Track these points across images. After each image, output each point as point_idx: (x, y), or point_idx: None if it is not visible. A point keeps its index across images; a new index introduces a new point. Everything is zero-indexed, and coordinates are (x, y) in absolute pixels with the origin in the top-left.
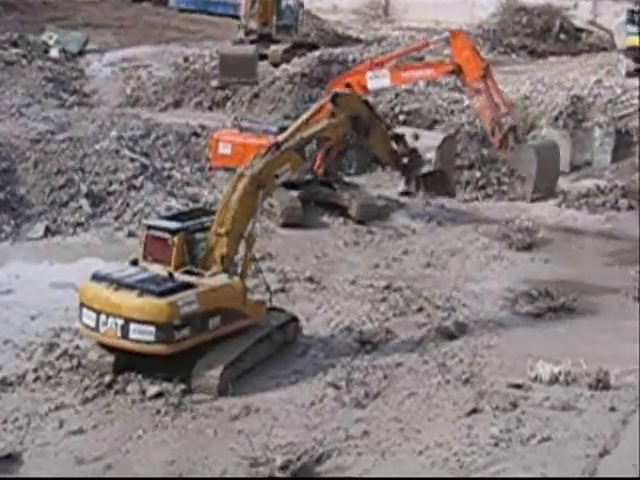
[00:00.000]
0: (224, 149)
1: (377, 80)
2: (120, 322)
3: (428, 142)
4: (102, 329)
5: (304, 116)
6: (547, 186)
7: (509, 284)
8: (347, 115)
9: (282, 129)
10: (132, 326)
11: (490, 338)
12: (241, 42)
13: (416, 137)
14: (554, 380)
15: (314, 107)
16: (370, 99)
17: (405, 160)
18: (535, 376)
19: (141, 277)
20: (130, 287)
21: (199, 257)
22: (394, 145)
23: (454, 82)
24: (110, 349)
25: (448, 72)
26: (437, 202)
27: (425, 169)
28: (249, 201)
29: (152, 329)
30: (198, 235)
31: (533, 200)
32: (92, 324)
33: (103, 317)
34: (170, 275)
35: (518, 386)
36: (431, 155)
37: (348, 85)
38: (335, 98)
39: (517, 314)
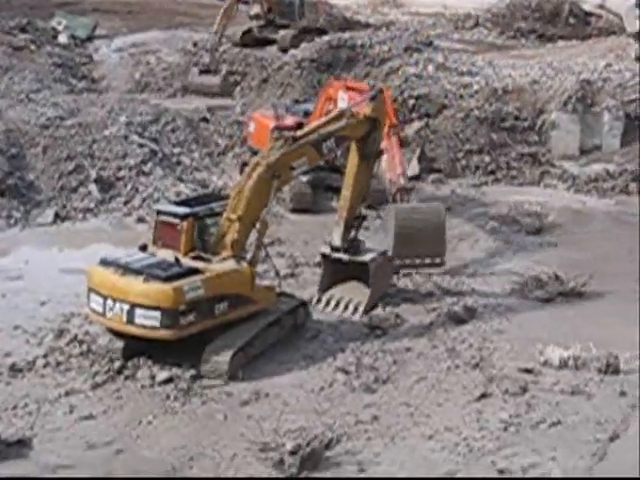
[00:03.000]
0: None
1: (342, 102)
2: (126, 307)
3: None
4: (109, 314)
5: (331, 114)
6: (415, 252)
7: (518, 269)
8: (368, 116)
9: (307, 114)
10: (138, 311)
11: (499, 323)
12: (249, 31)
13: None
14: (564, 364)
15: (336, 111)
16: (379, 84)
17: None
18: (545, 361)
19: (148, 262)
20: (136, 272)
21: (208, 242)
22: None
23: (463, 66)
24: (118, 334)
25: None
26: (447, 186)
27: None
28: (263, 189)
29: (157, 314)
30: (207, 220)
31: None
32: (99, 309)
33: (110, 302)
34: (177, 260)
35: (528, 371)
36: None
37: (330, 97)
38: (379, 93)
39: (526, 298)
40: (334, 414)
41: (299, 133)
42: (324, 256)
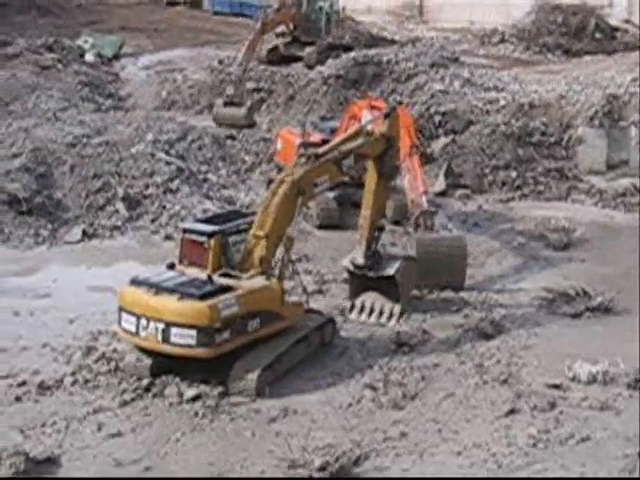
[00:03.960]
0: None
1: (365, 119)
2: (161, 326)
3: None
4: (142, 333)
5: (348, 132)
6: (435, 281)
7: (546, 284)
8: (384, 133)
9: (334, 131)
10: (173, 330)
11: (527, 338)
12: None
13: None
14: (592, 380)
15: (356, 127)
16: (405, 100)
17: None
18: (573, 376)
19: (180, 280)
20: (170, 291)
21: (234, 260)
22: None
23: (490, 82)
24: (148, 353)
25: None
26: (473, 202)
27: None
28: (289, 206)
29: (193, 333)
30: (234, 238)
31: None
32: (132, 329)
33: (143, 321)
34: (209, 278)
35: (556, 386)
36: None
37: (354, 116)
38: (391, 112)
39: (554, 314)
40: (362, 431)
41: (321, 150)
42: (349, 272)
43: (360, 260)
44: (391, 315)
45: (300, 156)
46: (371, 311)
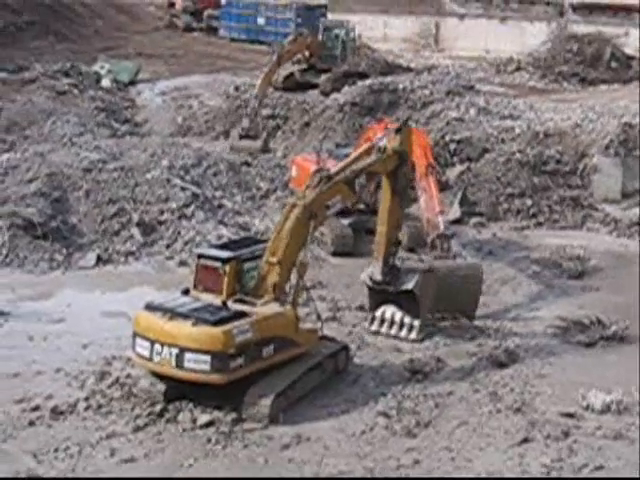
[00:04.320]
0: None
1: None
2: (175, 351)
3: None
4: (156, 358)
5: (358, 151)
6: (448, 308)
7: (560, 312)
8: (396, 150)
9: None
10: (187, 355)
11: (541, 367)
12: (291, 76)
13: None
14: (606, 409)
15: (365, 146)
16: (420, 127)
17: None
18: (587, 405)
19: (195, 306)
20: (184, 316)
21: (248, 285)
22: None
23: (505, 110)
24: (162, 378)
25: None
26: (488, 230)
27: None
28: (301, 231)
29: (207, 358)
30: (248, 264)
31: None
32: (146, 354)
33: (157, 346)
34: (224, 304)
35: (570, 415)
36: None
37: (369, 139)
38: (402, 127)
39: (569, 343)
40: (375, 458)
41: (332, 172)
42: (368, 286)
43: (378, 276)
44: (411, 328)
45: (312, 179)
46: (391, 323)
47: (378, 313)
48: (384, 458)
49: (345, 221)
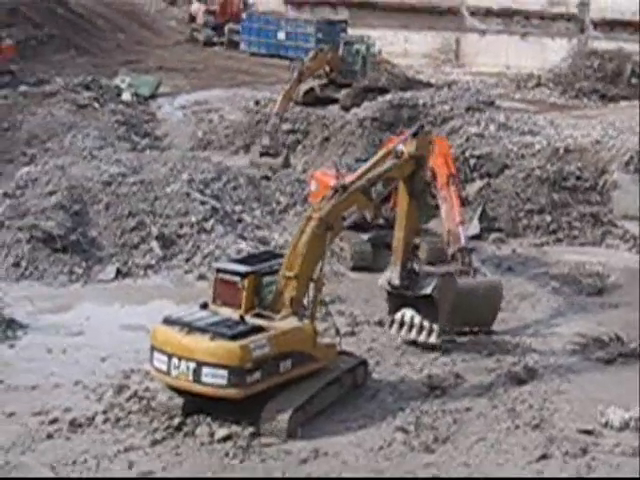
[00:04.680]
0: None
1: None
2: (192, 365)
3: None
4: (174, 372)
5: (373, 159)
6: (466, 321)
7: (579, 329)
8: (413, 154)
9: None
10: (204, 369)
11: (560, 383)
12: (311, 90)
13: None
14: (625, 426)
15: (381, 152)
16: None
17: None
18: (605, 422)
19: (212, 320)
20: (202, 330)
21: (267, 300)
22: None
23: (525, 126)
24: (180, 392)
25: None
26: (508, 246)
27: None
28: (317, 244)
29: (224, 373)
30: (267, 278)
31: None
32: (163, 367)
33: (175, 360)
34: (241, 318)
35: (588, 432)
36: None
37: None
38: (418, 131)
39: (587, 359)
40: (393, 473)
41: (348, 181)
42: (387, 291)
43: (396, 281)
44: (431, 332)
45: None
46: (411, 326)
47: (398, 316)
48: (402, 473)
49: (364, 236)
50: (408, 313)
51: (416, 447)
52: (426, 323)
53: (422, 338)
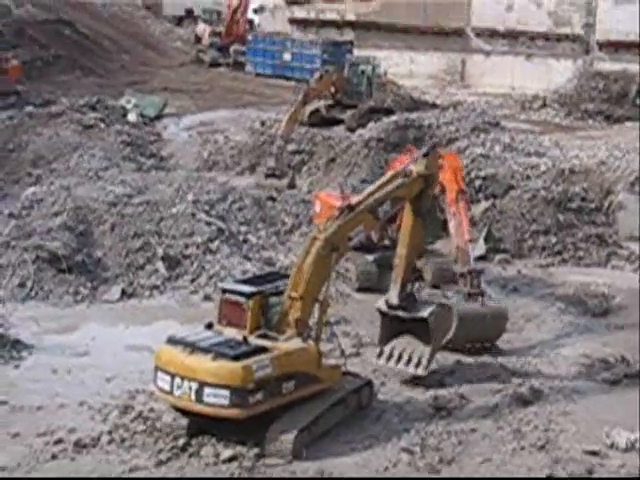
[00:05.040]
0: None
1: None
2: (194, 386)
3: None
4: (176, 392)
5: (381, 180)
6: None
7: (585, 350)
8: (422, 174)
9: None
10: (206, 390)
11: (566, 404)
12: (316, 111)
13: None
14: (630, 447)
15: (389, 173)
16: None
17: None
18: (611, 443)
19: (216, 341)
20: (204, 350)
21: (273, 321)
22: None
23: (530, 147)
24: (184, 412)
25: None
26: (513, 267)
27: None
28: (323, 265)
29: (226, 393)
30: (273, 299)
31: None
32: (167, 387)
33: (178, 380)
34: (244, 339)
35: (594, 453)
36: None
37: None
38: (429, 151)
39: (593, 380)
40: None
41: (354, 201)
42: (382, 313)
43: (394, 300)
44: (419, 363)
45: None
46: (399, 358)
47: (387, 347)
48: None
49: (370, 257)
50: (399, 345)
51: (421, 468)
52: (415, 355)
53: (410, 370)
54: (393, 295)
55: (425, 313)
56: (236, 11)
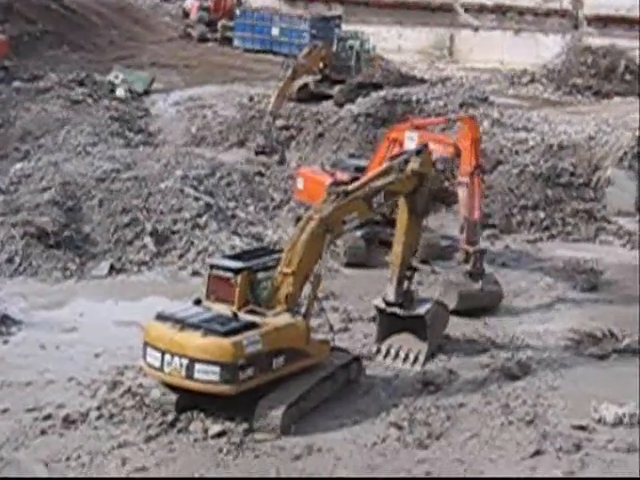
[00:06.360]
0: None
1: (410, 142)
2: (185, 362)
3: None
4: (167, 369)
5: (378, 170)
6: None
7: (573, 325)
8: (416, 171)
9: (358, 169)
10: (197, 366)
11: (554, 379)
12: (305, 86)
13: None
14: (618, 422)
15: (385, 165)
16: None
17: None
18: (599, 418)
19: (205, 317)
20: (194, 327)
21: (261, 296)
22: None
23: (519, 122)
24: (173, 388)
25: (449, 153)
26: (501, 242)
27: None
28: (316, 244)
29: (217, 369)
30: (261, 274)
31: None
32: (156, 364)
33: (168, 357)
34: (234, 315)
35: (582, 428)
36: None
37: (395, 140)
38: (422, 149)
39: (581, 355)
40: (387, 469)
41: (351, 187)
42: (379, 310)
43: (391, 297)
44: (416, 360)
45: (329, 194)
46: (396, 355)
47: (384, 345)
48: (395, 469)
49: (358, 232)
50: (396, 343)
51: (410, 443)
52: (412, 353)
53: (407, 367)
54: (390, 292)
55: (422, 310)
56: None
